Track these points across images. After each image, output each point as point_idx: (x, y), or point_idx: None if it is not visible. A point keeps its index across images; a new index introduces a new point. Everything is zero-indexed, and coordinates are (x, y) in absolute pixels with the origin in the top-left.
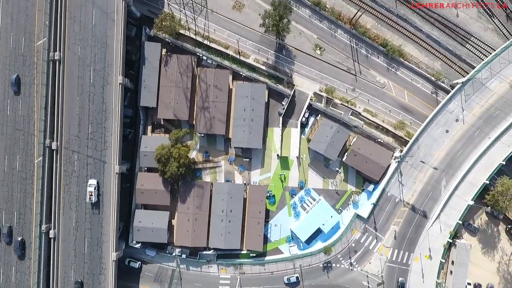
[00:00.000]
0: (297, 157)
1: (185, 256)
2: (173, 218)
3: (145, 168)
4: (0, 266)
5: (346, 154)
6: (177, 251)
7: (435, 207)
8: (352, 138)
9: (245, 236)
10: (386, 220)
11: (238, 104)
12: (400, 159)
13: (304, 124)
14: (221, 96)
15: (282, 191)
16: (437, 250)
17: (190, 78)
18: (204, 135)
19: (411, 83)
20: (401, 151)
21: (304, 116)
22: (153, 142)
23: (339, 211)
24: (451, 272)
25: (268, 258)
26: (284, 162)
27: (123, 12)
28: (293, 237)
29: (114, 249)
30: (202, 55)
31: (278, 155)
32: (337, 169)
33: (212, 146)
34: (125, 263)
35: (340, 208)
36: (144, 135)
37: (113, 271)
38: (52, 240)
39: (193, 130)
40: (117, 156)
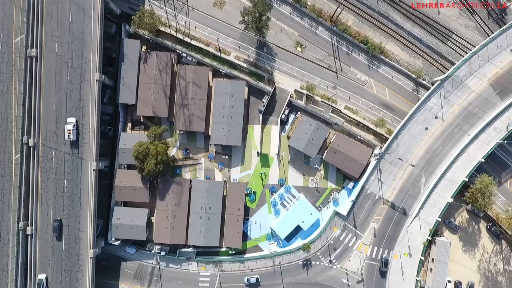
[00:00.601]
0: (277, 155)
1: (165, 254)
2: (153, 215)
3: (125, 166)
4: None
5: (326, 152)
6: (157, 249)
7: (415, 205)
8: (332, 136)
9: (225, 234)
10: (366, 218)
11: (217, 102)
12: (380, 157)
13: (285, 122)
14: (201, 93)
15: (262, 189)
16: (417, 248)
17: (170, 75)
18: (184, 132)
19: (392, 81)
20: (381, 148)
21: (284, 114)
22: (132, 139)
23: (319, 209)
24: (431, 270)
25: (248, 256)
26: (264, 160)
27: (100, 9)
28: (273, 235)
29: (92, 246)
30: (182, 52)
31: (258, 153)
32: (317, 167)
33: (192, 143)
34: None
35: (320, 206)
36: (124, 132)
37: (91, 268)
38: (29, 237)
39: (173, 127)
40: (95, 153)
